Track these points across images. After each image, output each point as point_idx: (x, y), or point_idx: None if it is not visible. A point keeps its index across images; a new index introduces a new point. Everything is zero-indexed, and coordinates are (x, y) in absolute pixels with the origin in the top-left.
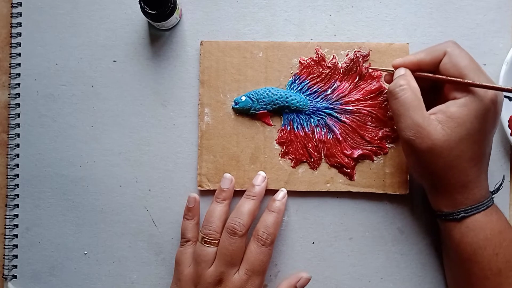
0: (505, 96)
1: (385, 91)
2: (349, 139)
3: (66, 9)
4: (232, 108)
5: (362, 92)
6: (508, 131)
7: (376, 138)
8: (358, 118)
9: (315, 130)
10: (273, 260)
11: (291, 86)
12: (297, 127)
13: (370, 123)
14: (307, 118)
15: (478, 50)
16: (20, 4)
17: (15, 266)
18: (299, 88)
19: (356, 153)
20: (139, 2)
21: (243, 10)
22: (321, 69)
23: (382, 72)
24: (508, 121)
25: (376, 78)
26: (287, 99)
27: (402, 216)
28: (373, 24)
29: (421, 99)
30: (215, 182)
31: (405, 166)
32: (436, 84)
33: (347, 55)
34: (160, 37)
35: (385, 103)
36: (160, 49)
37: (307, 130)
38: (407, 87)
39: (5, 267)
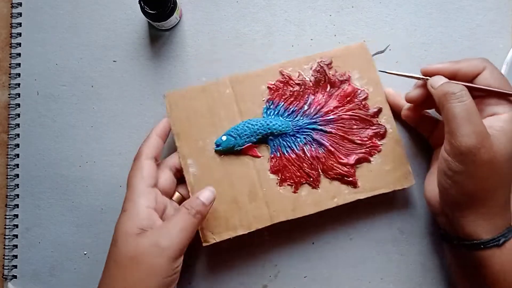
0: None
1: (361, 93)
2: (341, 147)
3: (66, 9)
4: (215, 151)
5: (337, 98)
6: None
7: (366, 138)
8: (342, 124)
9: (305, 149)
10: (273, 260)
11: (267, 112)
12: (287, 151)
13: (355, 126)
14: (294, 139)
15: (478, 50)
16: (20, 4)
17: (15, 266)
18: (276, 112)
19: (352, 159)
20: (139, 2)
21: (243, 10)
22: (291, 88)
23: (350, 75)
24: None
25: (347, 81)
26: (269, 126)
27: (402, 216)
28: (373, 24)
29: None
30: (220, 233)
31: (403, 157)
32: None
33: (311, 68)
34: (160, 37)
35: (363, 102)
36: (160, 49)
37: (297, 151)
38: (468, 92)
39: (5, 267)
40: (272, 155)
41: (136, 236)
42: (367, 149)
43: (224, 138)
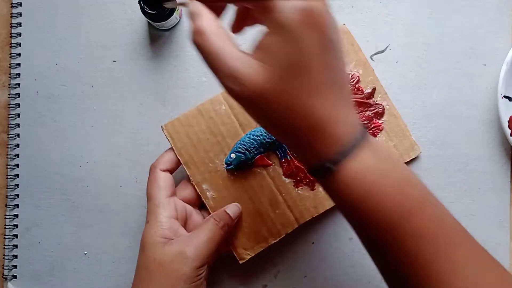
0: (505, 96)
1: (352, 78)
2: None
3: (66, 9)
4: (227, 170)
5: None
6: (508, 131)
7: (367, 121)
8: None
9: None
10: (273, 260)
11: None
12: None
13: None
14: None
15: (478, 50)
16: (20, 4)
17: (15, 266)
18: None
19: None
20: (139, 2)
21: None
22: None
23: None
24: (508, 121)
25: None
26: None
27: None
28: (373, 24)
29: (231, 37)
30: (253, 247)
31: (405, 130)
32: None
33: None
34: (160, 37)
35: (357, 85)
36: (160, 49)
37: None
38: (206, 30)
39: (5, 267)
40: (283, 160)
41: (163, 245)
42: (371, 131)
43: (233, 155)
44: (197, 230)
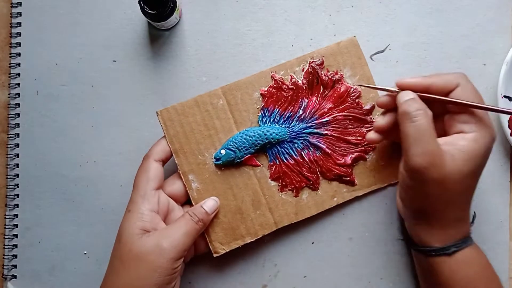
0: (505, 96)
1: (353, 92)
2: (337, 148)
3: (66, 9)
4: (215, 165)
5: (331, 99)
6: (508, 131)
7: (361, 137)
8: (337, 125)
9: (302, 153)
10: (273, 260)
11: (262, 120)
12: (285, 158)
13: (350, 126)
14: (291, 145)
15: (478, 50)
16: (20, 4)
17: (15, 266)
18: (271, 119)
19: (349, 159)
20: (139, 2)
21: (243, 10)
22: (284, 93)
23: (342, 74)
24: (508, 121)
25: (340, 81)
26: (266, 135)
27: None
28: (373, 24)
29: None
30: (229, 243)
31: (397, 152)
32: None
33: (303, 70)
34: (160, 37)
35: (357, 100)
36: (160, 49)
37: (295, 157)
38: (424, 112)
39: (4, 267)
40: (272, 163)
41: (140, 236)
42: (363, 148)
43: (223, 152)
44: (173, 224)
